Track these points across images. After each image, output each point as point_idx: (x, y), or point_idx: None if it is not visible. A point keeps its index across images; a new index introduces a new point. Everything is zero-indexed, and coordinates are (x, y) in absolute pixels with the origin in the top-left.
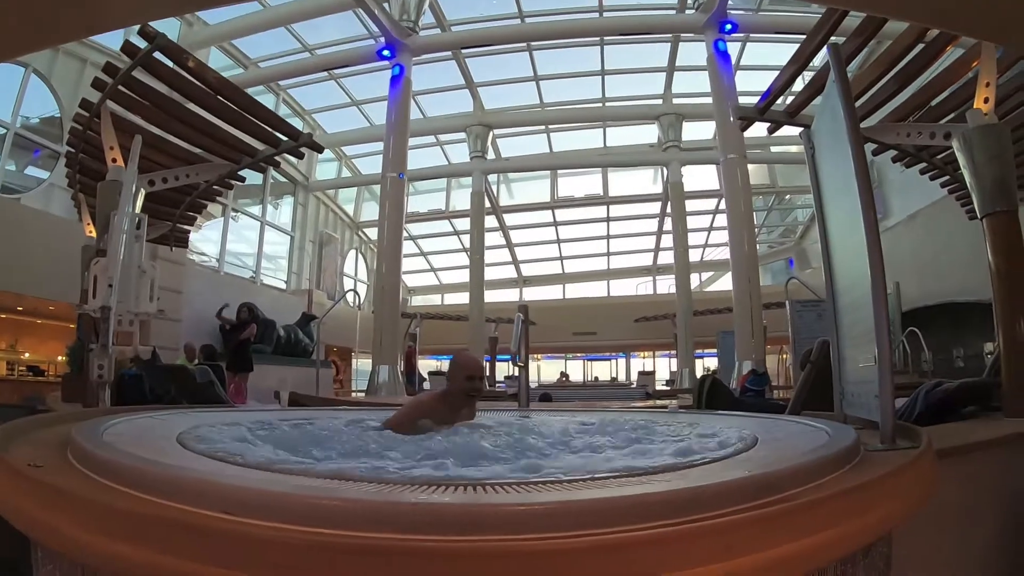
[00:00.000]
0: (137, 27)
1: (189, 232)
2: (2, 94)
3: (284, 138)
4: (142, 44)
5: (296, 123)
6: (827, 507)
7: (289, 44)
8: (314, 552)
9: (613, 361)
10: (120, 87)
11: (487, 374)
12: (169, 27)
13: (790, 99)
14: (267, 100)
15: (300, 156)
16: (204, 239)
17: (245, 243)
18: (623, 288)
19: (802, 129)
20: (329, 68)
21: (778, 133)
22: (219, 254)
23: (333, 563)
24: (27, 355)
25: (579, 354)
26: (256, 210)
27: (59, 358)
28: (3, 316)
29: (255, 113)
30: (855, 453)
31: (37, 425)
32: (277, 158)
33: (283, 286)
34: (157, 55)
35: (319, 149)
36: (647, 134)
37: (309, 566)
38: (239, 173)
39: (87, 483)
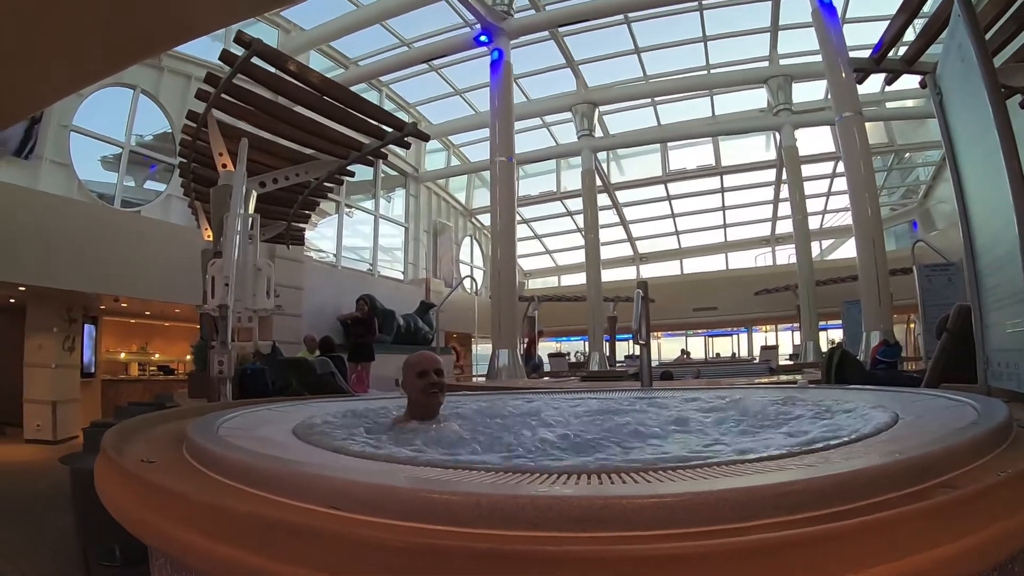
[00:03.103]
0: (233, 37)
1: (304, 230)
2: (116, 116)
3: (389, 130)
4: (240, 53)
5: (401, 117)
6: (1001, 493)
7: (387, 40)
8: (426, 554)
9: (735, 336)
10: (223, 95)
11: (442, 366)
12: (267, 35)
13: (903, 51)
14: (370, 97)
15: (406, 146)
16: (321, 236)
17: (361, 237)
18: (742, 260)
19: (922, 78)
20: (428, 59)
21: (893, 87)
22: (336, 250)
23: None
24: (156, 356)
25: (699, 330)
26: (369, 205)
27: (187, 357)
28: (133, 321)
29: (358, 108)
30: (1008, 430)
31: (157, 421)
32: (385, 151)
33: (400, 277)
34: (256, 61)
35: (424, 137)
36: (756, 99)
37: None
38: (348, 168)
39: (190, 479)
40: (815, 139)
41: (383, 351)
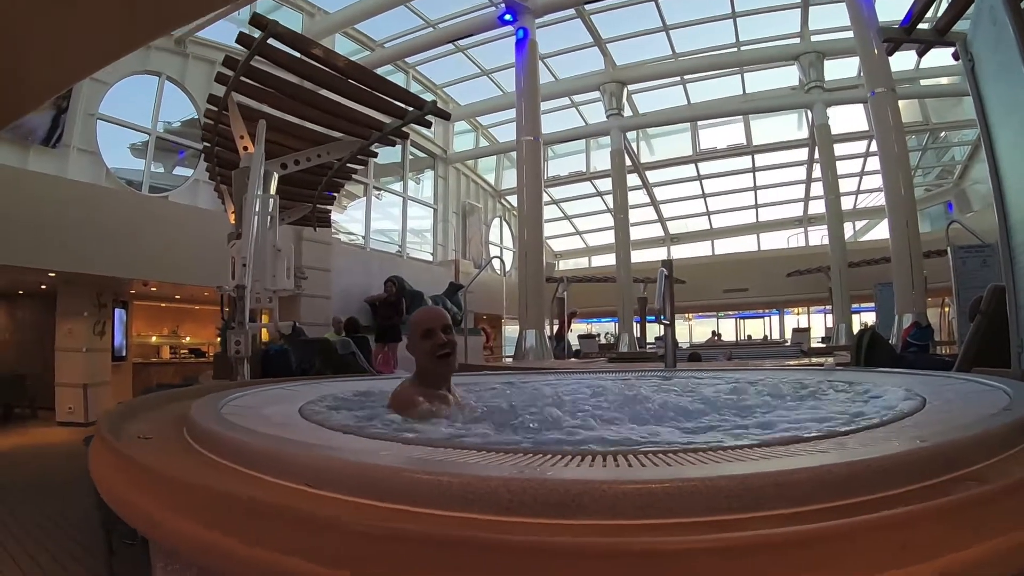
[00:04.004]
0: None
1: (330, 212)
2: (142, 103)
3: (410, 109)
4: (256, 35)
5: (429, 98)
6: None
7: (412, 22)
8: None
9: (766, 319)
10: (243, 78)
11: (450, 322)
12: (292, 19)
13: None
14: (397, 79)
15: (427, 125)
16: (351, 219)
17: (391, 220)
18: (774, 241)
19: (954, 49)
20: (453, 39)
21: (927, 64)
22: (364, 232)
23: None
24: (187, 339)
25: (730, 312)
26: (398, 187)
27: (217, 339)
28: (163, 305)
29: (378, 87)
30: None
31: (167, 400)
32: (409, 132)
33: (429, 258)
34: (274, 43)
35: (445, 116)
36: (787, 76)
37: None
38: (371, 149)
39: (180, 458)
40: (848, 117)
41: None
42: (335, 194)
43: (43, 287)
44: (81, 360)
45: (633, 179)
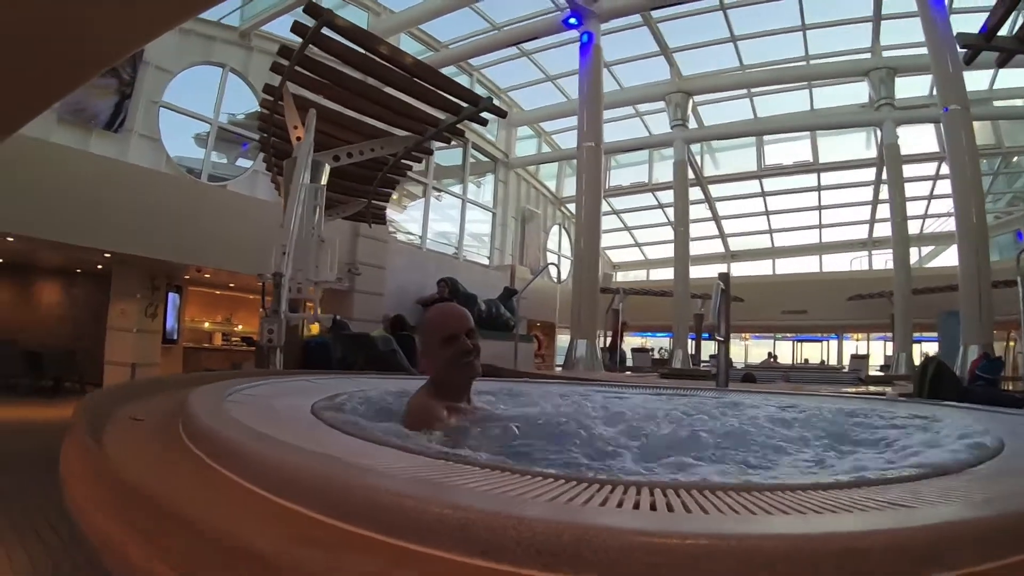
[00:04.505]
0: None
1: (385, 209)
2: (206, 93)
3: (465, 105)
4: (311, 24)
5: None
6: None
7: (477, 24)
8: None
9: (824, 343)
10: (297, 68)
11: (473, 323)
12: (357, 18)
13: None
14: (461, 81)
15: (483, 122)
16: (411, 219)
17: (450, 222)
18: (836, 263)
19: None
20: (517, 42)
21: (1002, 84)
22: (422, 232)
23: None
24: (240, 327)
25: (788, 334)
26: (458, 189)
27: None
28: (218, 292)
29: (433, 81)
30: None
31: (184, 384)
32: (472, 135)
33: (486, 262)
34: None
35: (501, 114)
36: (857, 93)
37: None
38: (427, 146)
39: (153, 455)
40: (918, 138)
41: None
42: (391, 191)
43: (99, 267)
44: (131, 340)
45: (695, 192)
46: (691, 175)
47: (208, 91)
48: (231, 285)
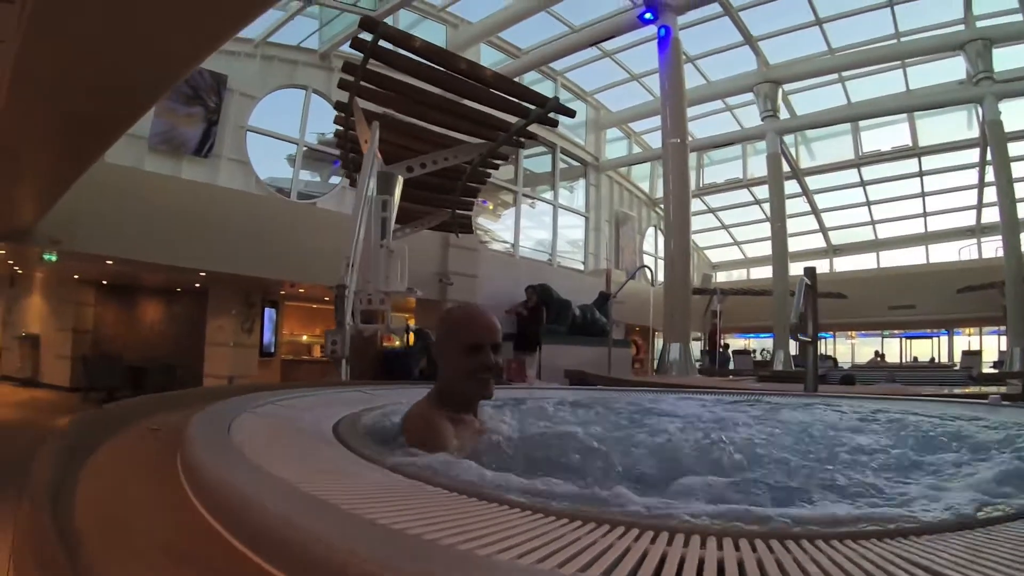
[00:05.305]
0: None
1: (470, 218)
2: (292, 115)
3: (533, 107)
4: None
5: (579, 106)
6: None
7: (555, 28)
8: None
9: (934, 339)
10: (363, 83)
11: (500, 339)
12: (435, 33)
13: None
14: (544, 87)
15: (552, 124)
16: (505, 227)
17: (545, 229)
18: (944, 253)
19: None
20: (596, 42)
21: None
22: (514, 239)
23: None
24: None
25: (896, 331)
26: (551, 195)
27: None
28: (315, 306)
29: (497, 85)
30: None
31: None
32: (560, 140)
33: (581, 267)
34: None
35: (570, 113)
36: (953, 69)
37: None
38: (501, 152)
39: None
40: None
41: (556, 342)
42: (472, 199)
43: (197, 285)
44: (229, 354)
45: (792, 186)
46: (786, 168)
47: (295, 113)
48: (326, 299)
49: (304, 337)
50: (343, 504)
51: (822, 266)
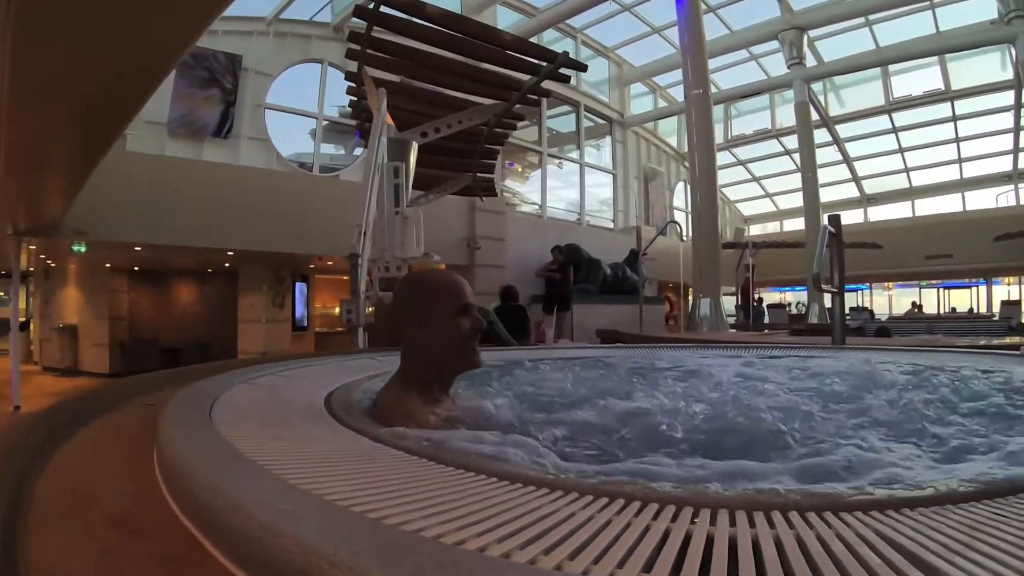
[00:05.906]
0: None
1: (492, 181)
2: (311, 90)
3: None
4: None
5: (600, 63)
6: None
7: None
8: None
9: (972, 289)
10: (370, 51)
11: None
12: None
13: None
14: (565, 44)
15: (564, 79)
16: (533, 189)
17: (573, 189)
18: (981, 200)
19: None
20: None
21: None
22: (541, 200)
23: None
24: (371, 310)
25: (933, 281)
26: (576, 154)
27: None
28: (345, 278)
29: (503, 43)
30: None
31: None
32: (584, 99)
33: (611, 226)
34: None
35: (581, 68)
36: (985, 7)
37: None
38: (516, 111)
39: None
40: None
41: (589, 300)
42: (493, 162)
43: (226, 265)
44: (261, 330)
45: (822, 135)
46: (815, 116)
47: (313, 88)
48: None
49: (336, 310)
50: (288, 476)
51: (856, 216)
